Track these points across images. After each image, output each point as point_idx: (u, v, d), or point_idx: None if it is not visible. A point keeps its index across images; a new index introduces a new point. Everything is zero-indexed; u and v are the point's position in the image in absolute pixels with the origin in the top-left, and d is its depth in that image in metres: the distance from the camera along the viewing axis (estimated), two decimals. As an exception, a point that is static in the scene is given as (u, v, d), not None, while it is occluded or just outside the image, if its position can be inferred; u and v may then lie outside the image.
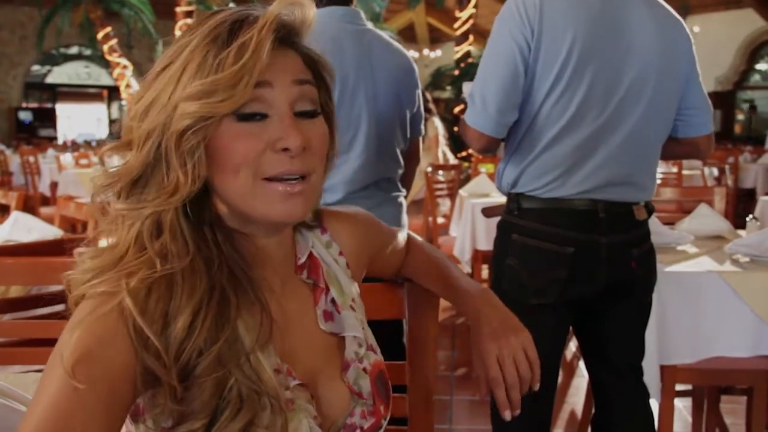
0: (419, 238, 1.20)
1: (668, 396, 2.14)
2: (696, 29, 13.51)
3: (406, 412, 1.22)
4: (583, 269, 1.76)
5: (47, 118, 18.68)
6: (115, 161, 0.82)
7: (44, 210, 6.22)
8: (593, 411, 2.03)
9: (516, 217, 1.82)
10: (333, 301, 0.95)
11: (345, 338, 0.94)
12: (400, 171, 2.15)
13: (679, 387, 2.39)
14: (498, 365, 0.99)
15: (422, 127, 2.25)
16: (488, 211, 2.19)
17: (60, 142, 16.18)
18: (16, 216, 2.51)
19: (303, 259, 0.95)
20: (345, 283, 0.99)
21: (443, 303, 1.19)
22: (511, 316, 1.04)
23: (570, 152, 1.73)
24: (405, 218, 2.17)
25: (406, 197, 2.20)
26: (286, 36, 0.83)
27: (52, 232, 2.50)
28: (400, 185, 2.16)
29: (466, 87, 2.05)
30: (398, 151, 2.12)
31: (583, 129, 1.72)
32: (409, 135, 2.17)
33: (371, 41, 2.04)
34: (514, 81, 1.71)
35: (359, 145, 1.98)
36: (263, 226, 0.85)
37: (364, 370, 0.94)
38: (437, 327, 1.21)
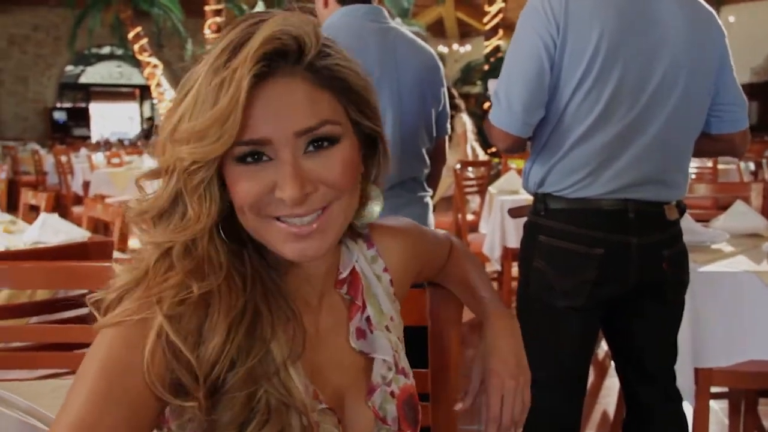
0: (459, 243, 1.16)
1: (703, 399, 2.08)
2: (731, 19, 13.25)
3: (429, 420, 1.19)
4: (612, 271, 1.72)
5: (81, 117, 18.96)
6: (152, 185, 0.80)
7: (76, 209, 6.30)
8: (624, 415, 1.99)
9: (543, 218, 1.78)
10: (368, 319, 0.93)
11: (374, 360, 0.91)
12: (426, 170, 2.11)
13: (715, 389, 2.33)
14: (500, 403, 0.99)
15: (448, 125, 2.21)
16: (514, 212, 2.15)
17: (94, 141, 16.41)
18: (44, 218, 2.53)
19: (345, 274, 0.92)
20: (384, 302, 0.96)
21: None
22: (523, 352, 1.04)
23: (598, 150, 1.68)
24: (431, 218, 2.14)
25: (432, 197, 2.16)
26: (287, 60, 0.74)
27: (79, 234, 2.51)
28: (426, 185, 2.13)
29: (492, 84, 2.01)
30: (424, 151, 2.08)
31: (612, 126, 1.67)
32: (435, 134, 2.13)
33: (395, 39, 2.00)
34: (539, 79, 1.66)
35: None
36: None
37: (392, 394, 0.91)
38: (460, 334, 1.18)
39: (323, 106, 0.76)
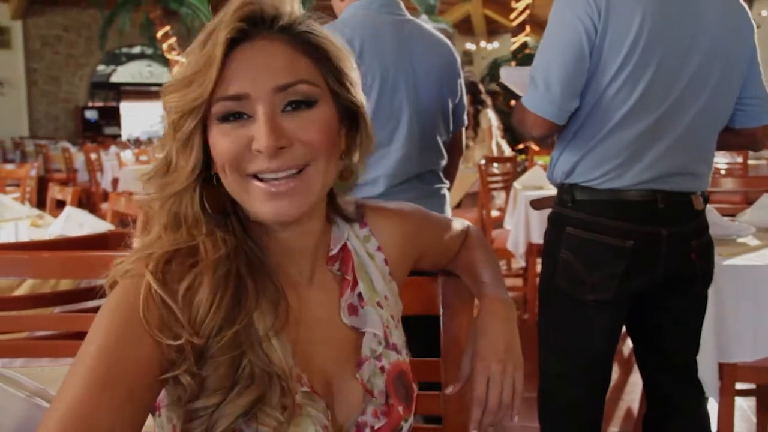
0: (476, 232, 1.16)
1: (728, 395, 2.05)
2: (764, 13, 12.98)
3: (440, 410, 1.19)
4: (642, 262, 1.69)
5: (112, 116, 19.16)
6: None
7: (104, 206, 6.38)
8: (645, 409, 1.96)
9: (570, 209, 1.75)
10: (359, 295, 0.94)
11: (364, 334, 0.92)
12: (443, 162, 2.10)
13: (742, 385, 2.29)
14: (486, 385, 0.96)
15: (465, 117, 2.20)
16: (537, 203, 2.12)
17: (124, 139, 16.58)
18: (68, 211, 2.56)
19: (335, 251, 0.94)
20: (377, 280, 0.97)
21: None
22: (516, 338, 1.01)
23: (630, 141, 1.66)
24: (449, 210, 2.13)
25: (449, 189, 2.15)
26: (264, 25, 0.81)
27: (103, 227, 2.54)
28: (443, 177, 2.12)
29: (504, 71, 1.98)
30: (441, 143, 2.07)
31: (646, 117, 1.65)
32: (452, 126, 2.12)
33: (411, 31, 2.00)
34: (579, 64, 1.63)
35: (400, 138, 1.94)
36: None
37: (381, 369, 0.92)
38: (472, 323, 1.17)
39: (302, 68, 0.81)
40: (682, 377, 1.87)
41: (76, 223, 2.48)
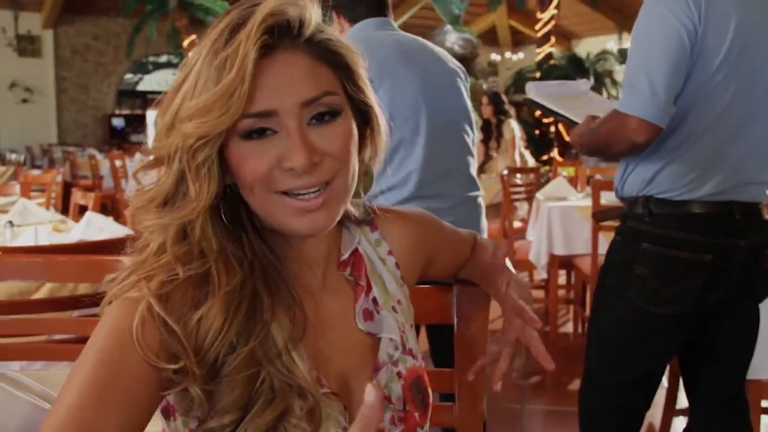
0: (484, 239, 1.15)
1: (754, 412, 2.00)
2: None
3: (454, 421, 1.17)
4: (720, 275, 1.67)
5: (138, 124, 19.39)
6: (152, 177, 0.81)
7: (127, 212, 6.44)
8: (688, 421, 1.93)
9: (647, 224, 1.70)
10: (374, 300, 0.93)
11: (381, 339, 0.91)
12: (473, 161, 2.08)
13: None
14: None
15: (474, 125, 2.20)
16: (601, 215, 2.06)
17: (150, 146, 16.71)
18: (89, 216, 2.58)
19: (346, 256, 0.93)
20: (390, 284, 0.96)
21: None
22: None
23: (713, 148, 1.64)
24: (484, 221, 2.08)
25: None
26: (289, 35, 0.77)
27: (123, 232, 2.55)
28: (477, 182, 2.09)
29: (531, 87, 1.96)
30: (468, 140, 2.05)
31: (730, 122, 1.63)
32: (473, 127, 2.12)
33: (411, 43, 2.07)
34: (681, 66, 1.60)
35: (423, 134, 1.93)
36: None
37: (398, 374, 0.91)
38: (487, 333, 1.15)
39: (324, 78, 0.78)
40: (731, 389, 1.85)
41: (97, 227, 2.49)
